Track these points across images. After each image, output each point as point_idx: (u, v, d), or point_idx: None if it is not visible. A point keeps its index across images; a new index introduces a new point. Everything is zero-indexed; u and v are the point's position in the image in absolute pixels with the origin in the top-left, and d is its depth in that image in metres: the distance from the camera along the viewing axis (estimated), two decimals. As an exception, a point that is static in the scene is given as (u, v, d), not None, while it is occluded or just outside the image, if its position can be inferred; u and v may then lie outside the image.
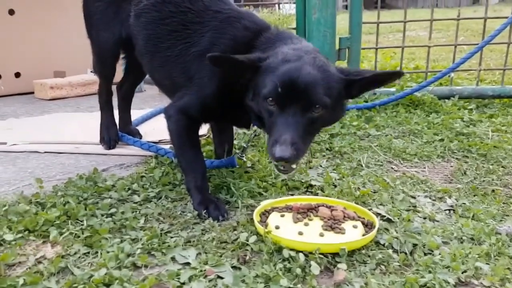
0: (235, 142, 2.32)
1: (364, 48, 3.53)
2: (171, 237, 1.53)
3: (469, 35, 7.73)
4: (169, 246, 1.46)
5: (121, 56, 2.31)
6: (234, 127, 2.21)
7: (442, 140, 2.62)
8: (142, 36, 1.97)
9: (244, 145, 2.11)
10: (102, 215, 1.65)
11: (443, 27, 8.89)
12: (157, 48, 1.91)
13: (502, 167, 2.23)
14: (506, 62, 3.54)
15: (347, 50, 3.38)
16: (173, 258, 1.41)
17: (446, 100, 3.33)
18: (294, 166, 1.57)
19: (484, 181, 2.08)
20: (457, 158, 2.38)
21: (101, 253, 1.41)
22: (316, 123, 1.53)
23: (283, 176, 1.88)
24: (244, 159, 2.09)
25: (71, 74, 4.15)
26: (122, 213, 1.67)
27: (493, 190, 1.97)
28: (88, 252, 1.43)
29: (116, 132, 2.42)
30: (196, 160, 1.82)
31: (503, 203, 1.85)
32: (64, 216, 1.61)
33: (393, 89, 3.50)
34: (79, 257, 1.41)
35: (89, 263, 1.38)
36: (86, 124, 2.82)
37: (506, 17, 3.23)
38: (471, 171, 2.19)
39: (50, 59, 4.21)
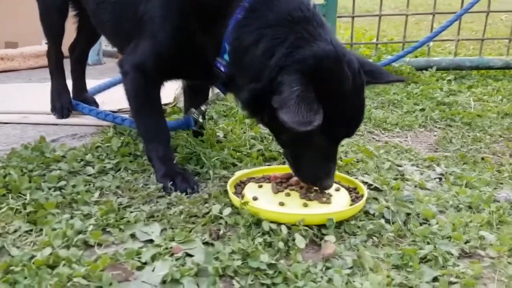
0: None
1: (340, 16, 3.35)
2: (131, 212, 1.31)
3: (438, 15, 7.67)
4: (128, 221, 1.25)
5: (73, 13, 2.05)
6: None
7: (423, 109, 2.48)
8: None
9: (202, 108, 1.83)
10: (49, 189, 1.41)
11: (412, 8, 8.83)
12: None
13: (489, 135, 2.11)
14: (484, 33, 3.43)
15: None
16: (132, 235, 1.20)
17: (424, 71, 3.20)
18: None
19: (471, 149, 1.95)
20: (440, 127, 2.25)
21: (46, 231, 1.18)
22: None
23: None
24: (201, 120, 1.84)
25: (25, 45, 3.80)
26: (73, 186, 1.44)
27: (482, 158, 1.84)
28: (31, 230, 1.20)
29: (69, 99, 2.15)
30: (158, 126, 1.58)
31: (496, 170, 1.72)
32: (4, 189, 1.37)
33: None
34: (20, 236, 1.18)
35: (31, 242, 1.16)
36: (36, 94, 2.53)
37: (485, -15, 3.11)
38: (456, 139, 2.06)
39: (1, 29, 3.85)
